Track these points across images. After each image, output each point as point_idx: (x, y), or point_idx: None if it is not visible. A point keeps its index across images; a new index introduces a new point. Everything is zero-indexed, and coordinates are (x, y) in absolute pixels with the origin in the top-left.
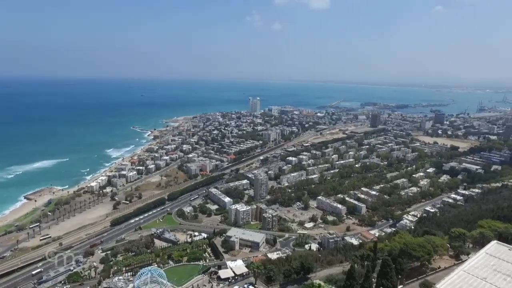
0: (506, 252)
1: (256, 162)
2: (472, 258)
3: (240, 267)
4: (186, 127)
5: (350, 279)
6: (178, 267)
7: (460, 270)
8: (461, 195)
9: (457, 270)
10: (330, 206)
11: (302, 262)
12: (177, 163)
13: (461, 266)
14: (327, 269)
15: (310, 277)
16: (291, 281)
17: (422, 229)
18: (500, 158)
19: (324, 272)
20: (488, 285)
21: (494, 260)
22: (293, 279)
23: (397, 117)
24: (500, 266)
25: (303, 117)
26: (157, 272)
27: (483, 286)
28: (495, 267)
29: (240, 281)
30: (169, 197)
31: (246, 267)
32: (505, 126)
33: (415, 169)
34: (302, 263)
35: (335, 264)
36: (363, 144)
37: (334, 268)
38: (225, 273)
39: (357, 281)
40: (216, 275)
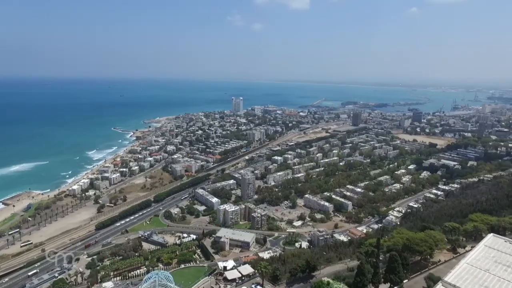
0: (503, 244)
1: (242, 162)
2: (473, 251)
3: (246, 267)
4: (169, 127)
5: (360, 275)
6: (183, 269)
7: (464, 263)
8: (441, 191)
9: (461, 263)
10: (318, 204)
11: (307, 260)
12: (162, 164)
13: (463, 259)
14: (329, 266)
15: (314, 275)
16: (297, 279)
17: (421, 224)
18: (475, 155)
19: (327, 269)
20: (491, 276)
21: (493, 252)
22: (298, 278)
23: (377, 115)
24: (500, 257)
25: (286, 116)
26: (164, 275)
27: (487, 278)
28: (495, 259)
29: (247, 282)
30: (155, 199)
31: (251, 267)
32: (478, 124)
33: (396, 166)
34: (307, 261)
35: (335, 261)
36: (346, 143)
37: (337, 265)
38: (231, 274)
39: (367, 277)
40: (222, 276)
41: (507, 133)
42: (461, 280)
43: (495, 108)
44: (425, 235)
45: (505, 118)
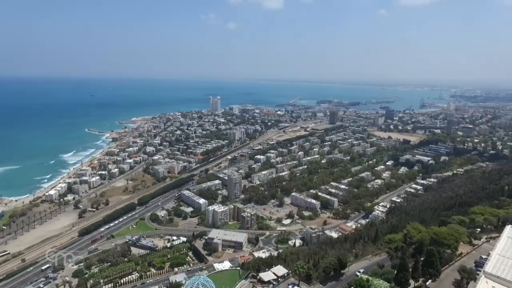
0: None
1: (225, 161)
2: (499, 243)
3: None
4: (146, 128)
5: (403, 271)
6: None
7: (496, 254)
8: (420, 185)
9: (493, 254)
10: (305, 202)
11: (339, 257)
12: (142, 166)
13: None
14: (355, 263)
15: (344, 272)
16: (329, 278)
17: (439, 219)
18: (446, 150)
19: (353, 266)
20: None
21: None
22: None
23: (352, 114)
24: None
25: (264, 115)
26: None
27: None
28: None
29: (282, 283)
30: (139, 202)
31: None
32: (446, 120)
33: (375, 163)
34: (339, 258)
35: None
36: (325, 141)
37: (361, 262)
38: (267, 275)
39: (409, 273)
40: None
41: (471, 129)
42: (500, 270)
43: (459, 106)
44: (448, 229)
45: (468, 115)
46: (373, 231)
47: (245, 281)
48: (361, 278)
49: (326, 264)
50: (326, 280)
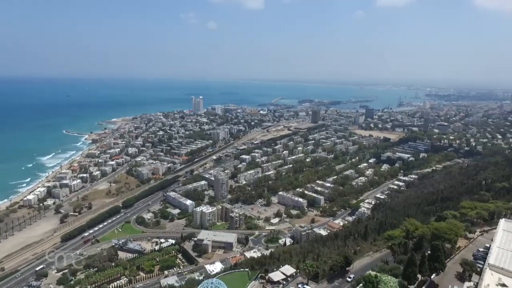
0: None
1: (210, 162)
2: (497, 236)
3: (287, 268)
4: (127, 129)
5: (411, 266)
6: (225, 276)
7: (495, 247)
8: (402, 182)
9: (493, 247)
10: (292, 201)
11: (345, 255)
12: (125, 167)
13: (493, 243)
14: (358, 260)
15: (349, 269)
16: (335, 275)
17: (436, 214)
18: (424, 147)
19: (357, 263)
20: None
21: None
22: (335, 273)
23: (333, 113)
24: None
25: (247, 115)
26: (218, 283)
27: None
28: None
29: (291, 282)
30: (124, 205)
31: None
32: (423, 119)
33: (358, 161)
34: (345, 256)
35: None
36: (308, 139)
37: (364, 258)
38: (276, 275)
39: (417, 268)
40: (266, 278)
41: (446, 127)
42: (502, 262)
43: (434, 104)
44: (447, 224)
45: (443, 113)
46: (362, 227)
47: (255, 282)
48: (369, 274)
49: (333, 262)
50: (332, 278)
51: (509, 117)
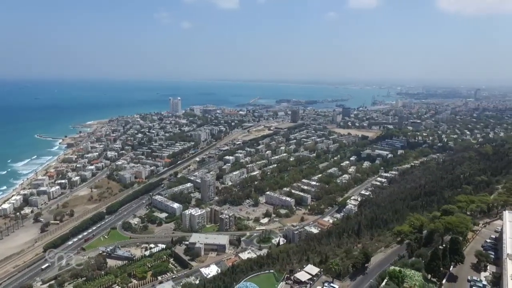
0: None
1: (193, 163)
2: (506, 227)
3: (311, 267)
4: (104, 132)
5: (436, 259)
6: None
7: (507, 238)
8: (384, 178)
9: (505, 238)
10: (279, 200)
11: (365, 252)
12: (106, 172)
13: (504, 234)
14: (373, 256)
15: (367, 266)
16: (357, 272)
17: (441, 208)
18: (401, 144)
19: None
20: None
21: None
22: (357, 270)
23: (311, 112)
24: None
25: (227, 115)
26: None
27: None
28: None
29: (317, 281)
30: (108, 210)
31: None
32: (397, 116)
33: (340, 159)
34: (365, 253)
35: None
36: (290, 139)
37: (378, 255)
38: (302, 276)
39: (441, 261)
40: (292, 279)
41: (419, 124)
42: None
43: (406, 103)
44: (456, 217)
45: (415, 111)
46: (355, 224)
47: (283, 283)
48: (394, 270)
49: (354, 260)
50: (354, 275)
51: (474, 113)
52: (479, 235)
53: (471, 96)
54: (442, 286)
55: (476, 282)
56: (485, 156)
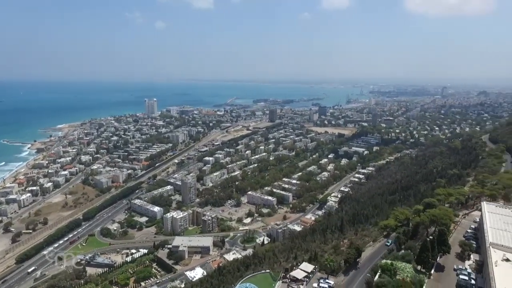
0: (498, 209)
1: (172, 165)
2: (485, 218)
3: (306, 265)
4: (76, 135)
5: (426, 251)
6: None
7: (488, 227)
8: (362, 174)
9: (486, 228)
10: (261, 199)
11: (357, 247)
12: (80, 177)
13: (485, 224)
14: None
15: (358, 261)
16: (349, 267)
17: (423, 202)
18: (375, 141)
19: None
20: (508, 233)
21: (497, 216)
22: (349, 266)
23: (288, 111)
24: (504, 219)
25: (204, 116)
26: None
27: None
28: (503, 220)
29: (313, 278)
30: (85, 217)
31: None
32: (371, 114)
33: (318, 157)
34: (357, 248)
35: None
36: (269, 138)
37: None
38: (298, 273)
39: (430, 252)
40: (288, 277)
41: (392, 121)
42: (499, 240)
43: (378, 101)
44: (440, 210)
45: (387, 108)
46: (338, 220)
47: (280, 282)
48: (386, 263)
49: (346, 255)
50: (347, 270)
51: (441, 110)
52: (460, 226)
53: (438, 94)
54: (431, 276)
55: (462, 270)
56: (454, 151)
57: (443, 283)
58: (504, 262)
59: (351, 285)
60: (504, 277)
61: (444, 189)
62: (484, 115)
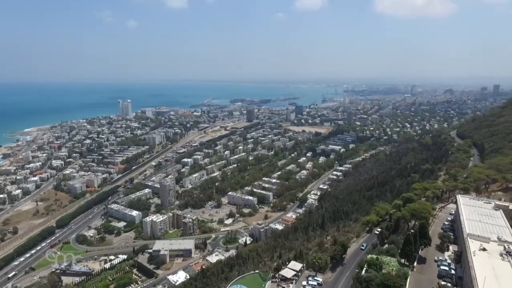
0: (472, 201)
1: (149, 168)
2: (461, 210)
3: (294, 264)
4: (46, 139)
5: (409, 244)
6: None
7: (465, 219)
8: (339, 171)
9: (463, 219)
10: (242, 200)
11: (343, 243)
12: (52, 183)
13: (461, 216)
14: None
15: (344, 257)
16: (336, 264)
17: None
18: (351, 138)
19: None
20: (485, 224)
21: (471, 208)
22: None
23: (265, 111)
24: (478, 210)
25: (181, 117)
26: None
27: (483, 225)
28: (477, 212)
29: (301, 276)
30: (59, 224)
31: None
32: (346, 113)
33: (297, 155)
34: (343, 244)
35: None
36: (247, 138)
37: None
38: (287, 272)
39: (413, 245)
40: (277, 277)
41: (366, 119)
42: (476, 231)
43: (352, 100)
44: (419, 204)
45: (361, 107)
46: (319, 217)
47: (269, 282)
48: (372, 258)
49: (332, 252)
50: (334, 267)
51: (412, 108)
52: (437, 219)
53: (408, 92)
54: (414, 268)
55: (442, 261)
56: (426, 147)
57: (426, 274)
58: (481, 251)
59: (338, 281)
60: (482, 266)
61: (420, 183)
62: (451, 112)
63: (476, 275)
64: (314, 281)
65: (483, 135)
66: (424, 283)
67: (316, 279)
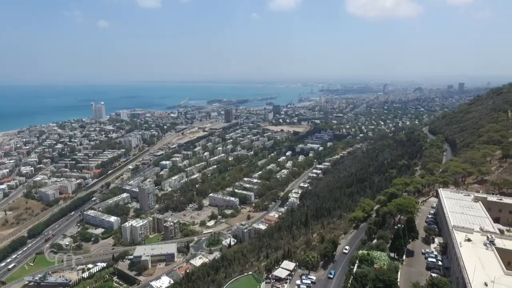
0: (452, 194)
1: (126, 172)
2: (444, 203)
3: (288, 263)
4: (13, 144)
5: (399, 238)
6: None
7: (448, 211)
8: (319, 169)
9: (446, 212)
10: (223, 201)
11: (333, 240)
12: (21, 190)
13: (444, 209)
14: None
15: (334, 254)
16: (327, 261)
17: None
18: (329, 137)
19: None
20: (467, 215)
21: (452, 200)
22: (326, 260)
23: (243, 111)
24: (459, 203)
25: (157, 119)
26: None
27: (465, 217)
28: (458, 204)
29: (295, 276)
30: (31, 234)
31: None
32: (322, 112)
33: (276, 155)
34: (334, 241)
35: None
36: (226, 139)
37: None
38: (281, 272)
39: (403, 239)
40: (271, 277)
41: (342, 118)
42: (460, 222)
43: (328, 99)
44: (404, 199)
45: (337, 106)
46: (302, 216)
47: (264, 283)
48: (363, 253)
49: (324, 250)
50: (325, 264)
51: (384, 106)
52: (420, 213)
53: (380, 91)
54: (404, 261)
55: (430, 253)
56: (400, 143)
57: (415, 267)
58: (467, 242)
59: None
60: (469, 256)
61: (401, 179)
62: (421, 110)
63: (465, 265)
64: (308, 280)
65: (453, 131)
66: (414, 275)
67: (309, 277)
